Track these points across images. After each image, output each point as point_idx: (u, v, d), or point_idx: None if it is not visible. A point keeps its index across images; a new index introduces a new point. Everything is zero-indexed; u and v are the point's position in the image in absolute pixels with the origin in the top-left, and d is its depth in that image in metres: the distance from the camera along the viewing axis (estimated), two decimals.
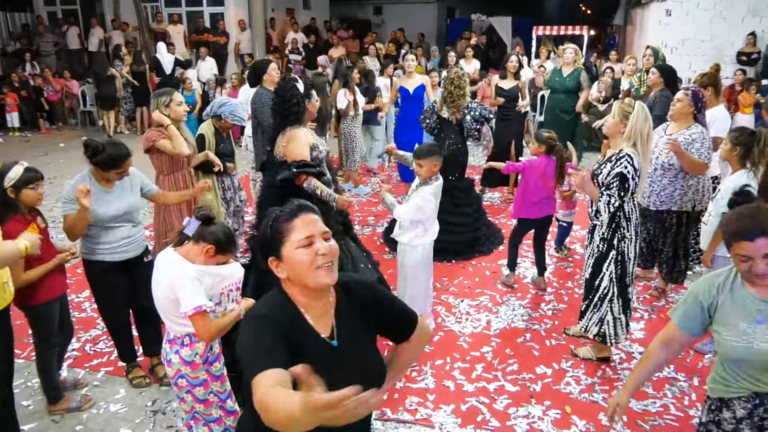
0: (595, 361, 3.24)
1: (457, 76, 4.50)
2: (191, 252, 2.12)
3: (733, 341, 1.68)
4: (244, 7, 12.38)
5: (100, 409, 2.88)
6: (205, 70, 10.24)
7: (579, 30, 12.01)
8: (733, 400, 1.76)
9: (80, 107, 10.71)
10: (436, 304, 3.92)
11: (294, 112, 3.19)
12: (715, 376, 1.84)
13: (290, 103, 3.19)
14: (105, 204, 2.74)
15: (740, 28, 9.44)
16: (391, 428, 2.74)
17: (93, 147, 2.67)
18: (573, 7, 25.80)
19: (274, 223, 1.38)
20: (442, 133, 4.65)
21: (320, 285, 1.34)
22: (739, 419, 1.75)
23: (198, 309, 2.01)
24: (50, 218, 5.38)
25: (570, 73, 6.11)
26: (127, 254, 2.84)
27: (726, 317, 1.72)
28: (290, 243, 1.35)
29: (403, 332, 1.57)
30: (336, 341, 1.39)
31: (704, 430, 1.86)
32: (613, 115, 3.03)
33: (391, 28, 15.24)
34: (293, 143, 3.14)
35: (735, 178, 3.07)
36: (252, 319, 1.36)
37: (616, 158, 2.90)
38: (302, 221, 1.36)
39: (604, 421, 2.77)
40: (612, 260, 3.00)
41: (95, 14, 13.07)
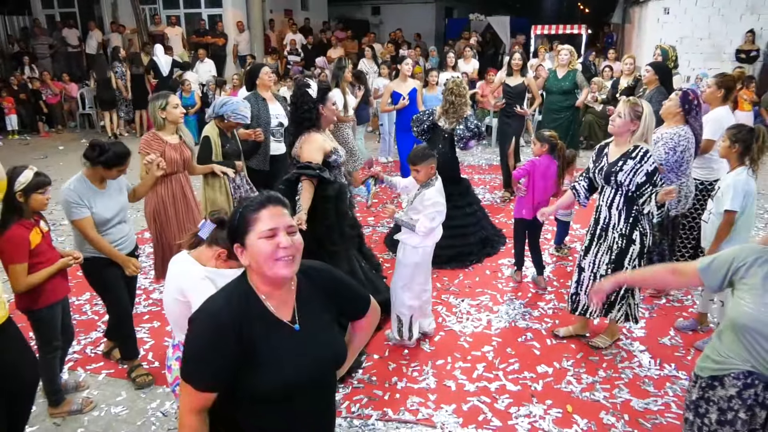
0: (611, 344, 3.35)
1: (455, 84, 4.41)
2: (203, 255, 2.11)
3: (756, 311, 1.71)
4: (242, 9, 12.38)
5: (101, 412, 2.88)
6: (203, 71, 10.25)
7: (577, 29, 12.02)
8: (724, 377, 1.80)
9: (79, 110, 10.71)
10: (437, 304, 3.92)
11: (307, 118, 3.23)
12: (709, 355, 1.87)
13: (302, 110, 3.23)
14: (103, 204, 2.81)
15: (739, 25, 9.45)
16: (392, 428, 2.74)
17: (100, 146, 2.74)
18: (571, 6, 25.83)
19: (243, 211, 1.41)
20: (432, 141, 4.53)
21: (277, 276, 1.38)
22: (729, 398, 1.79)
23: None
24: (50, 221, 5.39)
25: (565, 74, 6.15)
26: (121, 252, 2.93)
27: (756, 288, 1.74)
28: (254, 233, 1.38)
29: (356, 311, 1.66)
30: (297, 325, 1.45)
31: (693, 407, 1.90)
32: (621, 115, 2.96)
33: (389, 28, 15.25)
34: (306, 145, 3.20)
35: (734, 175, 3.07)
36: (204, 319, 1.39)
37: (641, 156, 2.90)
38: (269, 212, 1.39)
39: (606, 420, 2.77)
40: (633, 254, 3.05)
41: (93, 17, 13.07)
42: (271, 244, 1.37)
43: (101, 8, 13.03)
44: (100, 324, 3.71)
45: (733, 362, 1.78)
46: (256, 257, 1.38)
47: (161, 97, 3.43)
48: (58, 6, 13.52)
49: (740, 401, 1.77)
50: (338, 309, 1.57)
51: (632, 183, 2.92)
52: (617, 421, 2.75)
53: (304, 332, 1.45)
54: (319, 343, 1.47)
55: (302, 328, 1.45)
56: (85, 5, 13.39)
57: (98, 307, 3.93)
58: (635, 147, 2.94)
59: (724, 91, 3.96)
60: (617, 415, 2.79)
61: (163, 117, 3.40)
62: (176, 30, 11.68)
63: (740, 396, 1.77)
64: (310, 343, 1.45)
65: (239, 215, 1.42)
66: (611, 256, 3.10)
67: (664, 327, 3.60)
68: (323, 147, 3.21)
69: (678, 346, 3.38)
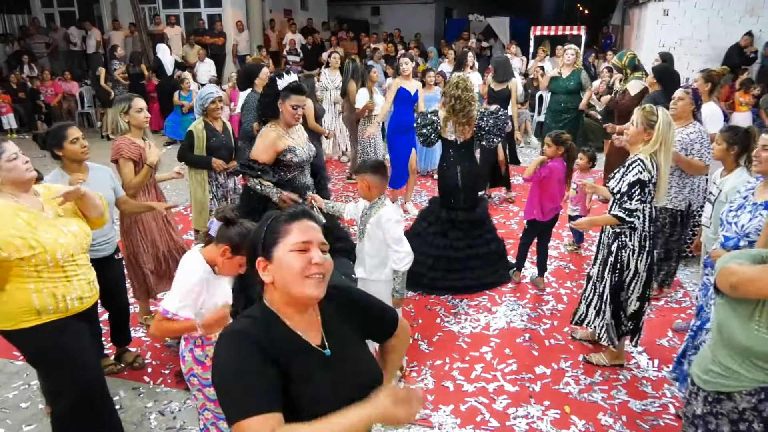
0: (607, 366, 3.19)
1: (461, 79, 3.93)
2: (212, 252, 2.13)
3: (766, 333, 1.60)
4: (241, 8, 12.38)
5: None
6: (203, 71, 10.24)
7: (577, 30, 12.03)
8: (734, 393, 1.71)
9: (78, 109, 10.70)
10: (435, 304, 3.92)
11: (265, 105, 3.13)
12: (711, 367, 1.76)
13: (266, 98, 3.14)
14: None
15: (737, 27, 9.46)
16: (390, 428, 2.74)
17: (40, 137, 2.77)
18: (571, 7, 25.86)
19: (273, 222, 1.31)
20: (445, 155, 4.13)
21: (305, 296, 1.26)
22: (742, 410, 1.70)
23: (165, 312, 2.07)
24: None
25: (570, 74, 6.16)
26: (101, 253, 2.87)
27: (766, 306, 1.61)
28: (285, 245, 1.27)
29: (387, 331, 1.53)
30: (328, 351, 1.32)
31: (702, 422, 1.80)
32: (635, 124, 2.85)
33: (388, 28, 15.26)
34: (258, 140, 3.11)
35: (734, 178, 3.07)
36: (231, 336, 1.23)
37: (629, 165, 2.83)
38: (303, 225, 1.30)
39: (603, 420, 2.78)
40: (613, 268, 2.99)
41: (93, 16, 13.06)
42: (303, 259, 1.25)
43: (100, 7, 13.01)
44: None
45: (745, 381, 1.69)
46: (284, 272, 1.25)
47: (124, 101, 3.24)
48: (57, 4, 13.51)
49: (755, 413, 1.69)
50: (364, 330, 1.46)
51: (618, 192, 2.86)
52: (615, 422, 2.75)
53: (335, 357, 1.31)
54: (352, 368, 1.33)
55: (334, 353, 1.31)
56: (85, 4, 13.38)
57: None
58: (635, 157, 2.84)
59: (710, 85, 4.05)
60: (615, 416, 2.79)
61: (127, 121, 3.20)
62: (175, 30, 11.68)
63: (756, 409, 1.68)
64: (346, 369, 1.31)
65: (268, 226, 1.30)
66: (600, 266, 3.07)
67: (662, 328, 3.61)
68: (274, 145, 3.04)
69: (676, 347, 3.38)
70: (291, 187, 3.17)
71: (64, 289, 2.19)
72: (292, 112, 3.07)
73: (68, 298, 2.20)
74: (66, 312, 2.21)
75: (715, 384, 1.75)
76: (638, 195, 2.78)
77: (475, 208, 4.17)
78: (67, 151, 2.75)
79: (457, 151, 4.05)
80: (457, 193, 4.09)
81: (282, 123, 3.12)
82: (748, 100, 7.22)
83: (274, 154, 3.07)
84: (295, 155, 3.10)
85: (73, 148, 2.75)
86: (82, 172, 2.83)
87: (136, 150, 3.22)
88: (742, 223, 2.33)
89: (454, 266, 4.07)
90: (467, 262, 4.09)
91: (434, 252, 4.09)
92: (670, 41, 10.02)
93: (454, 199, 4.12)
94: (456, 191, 4.08)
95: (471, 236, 4.12)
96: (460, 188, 4.06)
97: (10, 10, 13.17)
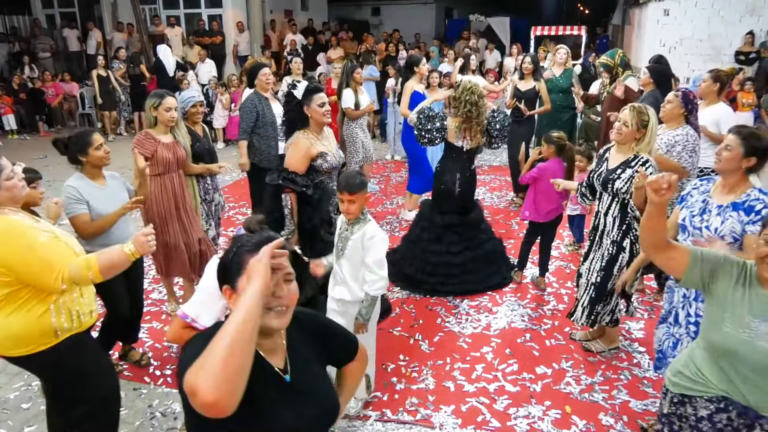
0: (606, 352, 3.29)
1: (475, 86, 3.82)
2: None
3: (735, 332, 1.66)
4: (242, 9, 12.39)
5: None
6: (204, 72, 10.26)
7: (577, 30, 12.04)
8: (696, 398, 1.75)
9: (79, 110, 10.71)
10: (435, 304, 3.92)
11: (293, 119, 3.16)
12: (680, 369, 1.81)
13: (288, 111, 3.18)
14: (103, 201, 2.80)
15: (738, 27, 9.47)
16: (391, 429, 2.74)
17: (61, 142, 2.75)
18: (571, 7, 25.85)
19: (238, 251, 1.26)
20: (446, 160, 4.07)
21: (267, 327, 1.25)
22: (699, 418, 1.74)
23: (184, 317, 2.02)
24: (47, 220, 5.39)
25: (562, 72, 6.17)
26: None
27: (734, 305, 1.68)
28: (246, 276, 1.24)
29: (348, 357, 1.55)
30: (288, 376, 1.32)
31: (667, 422, 1.87)
32: (628, 125, 2.89)
33: (388, 29, 15.25)
34: (292, 150, 3.11)
35: None
36: (203, 338, 1.21)
37: (640, 166, 2.86)
38: None
39: (604, 421, 2.78)
40: (623, 262, 3.02)
41: (93, 17, 13.07)
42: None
43: (101, 8, 13.03)
44: (98, 324, 3.70)
45: (707, 385, 1.72)
46: None
47: (157, 96, 3.37)
48: (58, 5, 13.53)
49: (710, 424, 1.72)
50: (328, 355, 1.47)
51: (628, 191, 2.90)
52: (616, 422, 2.75)
53: (295, 384, 1.32)
54: (309, 395, 1.34)
55: (294, 379, 1.32)
56: (85, 5, 13.40)
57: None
58: (635, 156, 2.90)
59: (719, 85, 4.02)
60: (616, 416, 2.79)
61: (154, 116, 3.36)
62: (176, 30, 11.69)
63: (710, 419, 1.72)
64: (301, 395, 1.32)
65: (233, 254, 1.27)
66: (602, 263, 3.09)
67: None
68: (309, 152, 3.07)
69: None
70: (320, 190, 3.16)
71: (78, 305, 2.16)
72: (320, 111, 3.10)
73: (82, 313, 2.18)
74: (80, 328, 2.18)
75: (681, 387, 1.79)
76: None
77: (469, 213, 4.14)
78: (91, 157, 2.77)
79: (460, 157, 3.97)
80: (453, 199, 4.04)
81: (312, 128, 3.15)
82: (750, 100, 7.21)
83: (308, 162, 3.09)
84: (326, 161, 3.13)
85: (97, 154, 2.78)
86: (101, 178, 2.86)
87: (150, 146, 3.34)
88: (715, 227, 2.30)
89: (453, 271, 4.03)
90: (466, 266, 4.05)
91: (432, 258, 4.05)
92: (670, 41, 10.02)
93: (449, 204, 4.05)
94: (451, 197, 4.03)
95: (466, 239, 4.08)
96: (457, 194, 4.02)
97: (11, 12, 13.19)
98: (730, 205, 2.28)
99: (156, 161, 3.33)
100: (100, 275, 2.02)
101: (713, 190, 2.38)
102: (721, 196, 2.34)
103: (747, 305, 1.66)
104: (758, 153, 2.23)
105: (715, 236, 2.30)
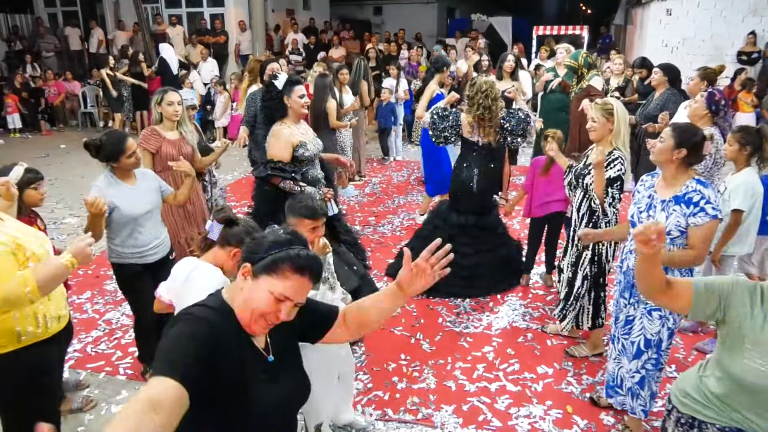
0: (590, 357, 3.26)
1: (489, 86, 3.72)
2: (218, 257, 2.04)
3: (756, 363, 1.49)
4: (244, 8, 12.39)
5: (101, 411, 2.88)
6: (206, 71, 10.26)
7: (579, 30, 12.02)
8: (707, 424, 1.64)
9: (81, 108, 10.72)
10: (437, 304, 3.92)
11: (273, 109, 3.22)
12: (690, 392, 1.69)
13: (267, 100, 3.25)
14: (131, 201, 2.72)
15: (741, 27, 9.45)
16: (392, 428, 2.75)
17: (93, 145, 2.68)
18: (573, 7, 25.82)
19: (283, 256, 1.29)
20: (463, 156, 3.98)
21: (248, 327, 1.30)
22: None
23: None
24: (51, 220, 5.41)
25: (564, 72, 6.16)
26: (155, 256, 2.85)
27: (754, 333, 1.50)
28: (273, 283, 1.28)
29: (323, 325, 1.52)
30: (272, 357, 1.36)
31: None
32: (596, 119, 2.91)
33: (391, 28, 15.25)
34: (273, 140, 3.18)
35: (744, 175, 3.07)
36: (193, 319, 1.26)
37: (608, 161, 2.87)
38: (301, 283, 1.29)
39: (606, 421, 2.77)
40: (587, 260, 3.04)
41: (95, 16, 13.09)
42: (273, 306, 1.27)
43: (103, 7, 13.04)
44: (101, 323, 3.72)
45: (720, 414, 1.62)
46: (252, 299, 1.29)
47: (161, 92, 3.45)
48: (61, 4, 13.55)
49: None
50: (301, 331, 1.48)
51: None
52: (617, 422, 2.75)
53: (277, 364, 1.37)
54: (289, 376, 1.40)
55: (276, 359, 1.37)
56: (87, 4, 13.42)
57: (98, 306, 3.93)
58: (610, 152, 2.89)
59: (707, 83, 4.06)
60: (617, 416, 2.79)
61: (159, 112, 3.42)
62: (178, 29, 11.69)
63: None
64: (282, 375, 1.37)
65: (278, 254, 1.29)
66: (572, 259, 3.13)
67: None
68: (290, 141, 3.16)
69: (678, 347, 3.37)
70: (306, 181, 3.27)
71: (45, 309, 2.04)
72: (300, 102, 3.22)
73: (49, 317, 2.07)
74: (45, 334, 2.06)
75: (691, 408, 1.69)
76: (618, 190, 2.88)
77: (487, 213, 4.04)
78: (122, 164, 2.71)
79: (477, 152, 3.87)
80: (471, 196, 3.92)
81: (291, 118, 3.24)
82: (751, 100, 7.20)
83: (291, 150, 3.18)
84: (307, 149, 3.22)
85: (129, 162, 2.72)
86: (131, 178, 2.80)
87: (155, 142, 3.37)
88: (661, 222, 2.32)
89: (461, 273, 3.90)
90: (474, 270, 3.95)
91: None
92: (672, 41, 10.00)
93: (466, 202, 3.94)
94: (470, 194, 3.91)
95: (480, 242, 3.97)
96: (475, 192, 3.90)
97: (13, 10, 13.21)
98: (672, 199, 2.30)
99: (160, 157, 3.36)
100: (38, 292, 1.83)
101: (657, 185, 2.41)
102: (663, 190, 2.36)
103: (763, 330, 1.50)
104: (687, 145, 2.26)
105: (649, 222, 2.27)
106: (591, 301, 3.16)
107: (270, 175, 3.13)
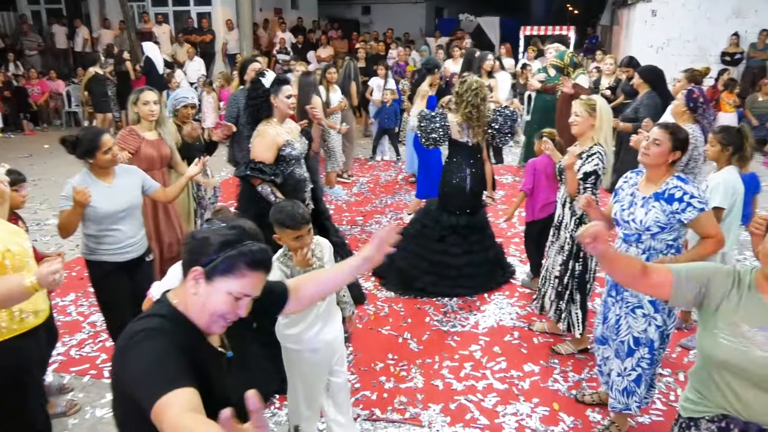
0: (576, 354, 3.29)
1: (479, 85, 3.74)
2: None
3: (730, 342, 1.57)
4: (231, 7, 12.31)
5: (85, 414, 2.84)
6: (193, 70, 10.18)
7: (566, 30, 12.12)
8: (700, 420, 1.71)
9: (65, 108, 10.58)
10: (424, 303, 3.93)
11: (258, 107, 3.15)
12: (687, 394, 1.77)
13: (253, 98, 3.17)
14: (107, 199, 2.68)
15: (724, 28, 9.59)
16: (380, 428, 2.75)
17: (70, 141, 2.66)
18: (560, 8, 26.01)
19: (236, 255, 1.24)
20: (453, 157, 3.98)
21: (207, 329, 1.29)
22: None
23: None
24: (34, 221, 5.33)
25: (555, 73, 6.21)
26: (129, 255, 2.80)
27: (727, 314, 1.60)
28: (229, 284, 1.24)
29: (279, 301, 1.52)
30: (231, 352, 1.37)
31: None
32: (579, 113, 2.95)
33: (379, 28, 15.25)
34: (258, 140, 3.11)
35: (725, 173, 3.11)
36: (147, 333, 1.20)
37: (587, 155, 2.93)
38: (258, 278, 1.28)
39: (592, 418, 2.80)
40: (576, 257, 3.08)
41: (80, 14, 12.92)
42: (232, 305, 1.25)
43: (88, 5, 12.88)
44: (85, 325, 3.67)
45: (707, 405, 1.68)
46: (208, 303, 1.24)
47: (137, 92, 3.38)
48: (45, 2, 13.35)
49: None
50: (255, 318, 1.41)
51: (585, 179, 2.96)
52: (603, 418, 2.77)
53: (236, 359, 1.37)
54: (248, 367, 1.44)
55: (235, 354, 1.37)
56: (72, 1, 13.24)
57: (83, 308, 3.88)
58: (591, 147, 2.95)
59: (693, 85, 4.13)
60: (603, 412, 2.81)
61: (136, 112, 3.35)
62: (164, 28, 11.59)
63: None
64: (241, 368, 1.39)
65: (229, 254, 1.24)
66: (563, 256, 3.15)
67: None
68: (275, 141, 3.08)
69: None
70: (293, 180, 3.18)
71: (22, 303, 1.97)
72: (286, 102, 3.14)
73: (25, 312, 2.02)
74: (22, 328, 2.02)
75: (689, 410, 1.75)
76: (592, 184, 2.93)
77: (477, 213, 4.04)
78: (98, 161, 2.66)
79: (467, 152, 3.87)
80: (464, 196, 3.90)
81: (277, 118, 3.17)
82: (733, 101, 7.31)
83: (276, 151, 3.09)
84: (294, 148, 3.15)
85: (105, 158, 2.66)
86: (109, 176, 2.75)
87: (133, 142, 3.29)
88: (640, 219, 2.35)
89: (450, 273, 3.94)
90: (463, 270, 3.96)
91: (430, 256, 3.98)
92: (658, 41, 10.12)
93: (458, 202, 3.93)
94: (462, 195, 3.89)
95: (469, 242, 3.97)
96: (468, 192, 3.88)
97: None
98: (652, 196, 2.35)
99: (139, 158, 3.29)
100: None
101: (640, 183, 2.45)
102: (645, 188, 2.41)
103: (742, 313, 1.59)
104: (682, 147, 2.35)
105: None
106: (579, 305, 3.18)
107: (249, 176, 3.06)
